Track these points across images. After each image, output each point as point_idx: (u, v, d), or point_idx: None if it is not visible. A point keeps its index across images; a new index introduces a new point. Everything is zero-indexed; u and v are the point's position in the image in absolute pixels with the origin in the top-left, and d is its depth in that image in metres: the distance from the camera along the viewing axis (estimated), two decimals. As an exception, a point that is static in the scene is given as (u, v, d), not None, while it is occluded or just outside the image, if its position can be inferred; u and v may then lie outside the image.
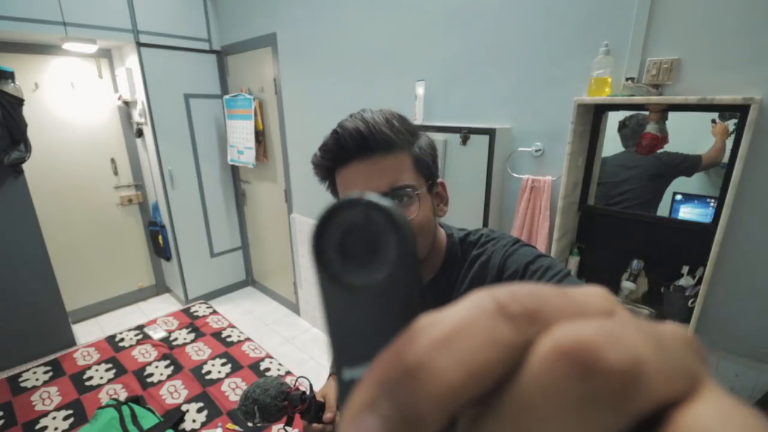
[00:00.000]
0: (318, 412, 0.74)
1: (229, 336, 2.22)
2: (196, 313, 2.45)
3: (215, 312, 2.48)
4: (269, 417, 0.72)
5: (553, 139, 1.52)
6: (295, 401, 0.73)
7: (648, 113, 1.30)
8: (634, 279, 1.43)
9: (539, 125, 1.56)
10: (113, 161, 3.09)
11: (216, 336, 2.21)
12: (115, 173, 3.12)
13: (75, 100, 2.81)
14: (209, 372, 1.92)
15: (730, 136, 1.22)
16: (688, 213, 1.35)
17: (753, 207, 1.18)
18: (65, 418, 1.65)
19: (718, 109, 1.22)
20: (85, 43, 2.53)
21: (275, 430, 1.51)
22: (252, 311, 3.30)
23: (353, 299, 0.13)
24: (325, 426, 0.74)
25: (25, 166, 2.15)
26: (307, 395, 0.74)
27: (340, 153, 0.59)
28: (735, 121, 1.19)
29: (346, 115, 0.61)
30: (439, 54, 1.81)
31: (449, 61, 1.78)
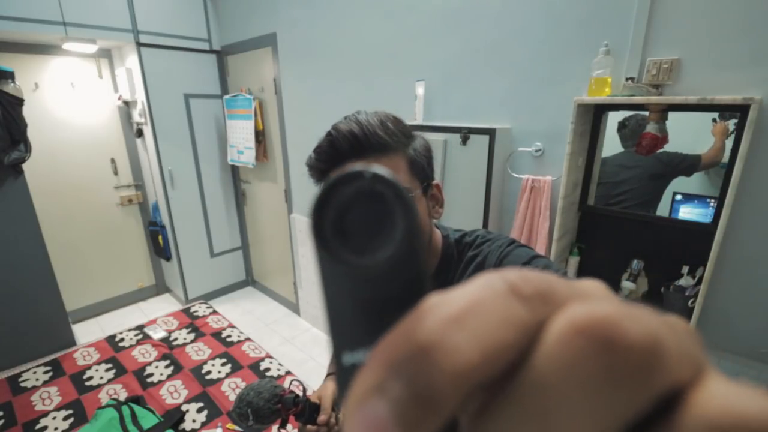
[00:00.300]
0: (312, 413, 0.74)
1: (229, 336, 2.22)
2: (196, 313, 2.45)
3: (215, 312, 2.48)
4: (263, 419, 0.72)
5: (553, 139, 1.52)
6: (289, 404, 0.73)
7: (648, 113, 1.30)
8: (634, 279, 1.43)
9: (539, 125, 1.56)
10: (113, 161, 3.09)
11: (216, 336, 2.22)
12: (115, 173, 3.12)
13: (75, 100, 2.81)
14: (209, 372, 1.92)
15: (730, 135, 1.22)
16: (688, 213, 1.35)
17: (753, 207, 1.18)
18: (65, 418, 1.65)
19: (718, 109, 1.22)
20: (85, 43, 2.53)
21: (274, 431, 1.51)
22: (252, 311, 3.30)
23: (355, 279, 0.13)
24: (320, 428, 0.74)
25: (25, 166, 2.15)
26: (301, 398, 0.74)
27: (334, 155, 0.59)
28: (735, 121, 1.19)
29: (342, 117, 0.61)
30: (439, 54, 1.81)
31: (449, 61, 1.78)
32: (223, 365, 1.98)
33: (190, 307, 2.52)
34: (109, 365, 1.98)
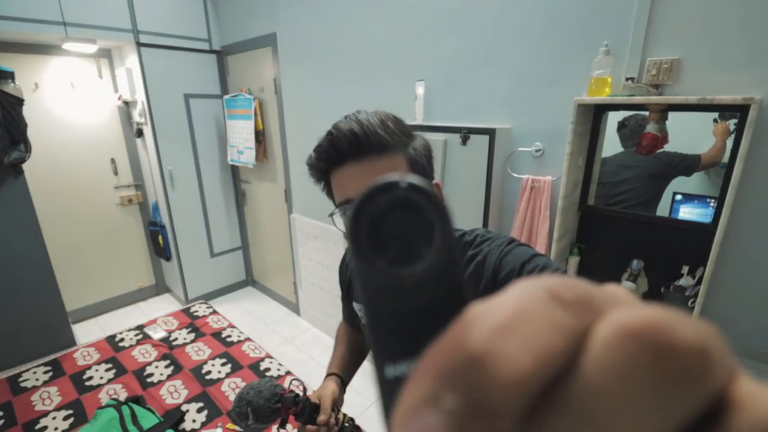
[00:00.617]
0: (312, 413, 0.74)
1: (229, 336, 2.22)
2: (196, 313, 2.45)
3: (215, 312, 2.48)
4: (263, 419, 0.73)
5: (553, 139, 1.52)
6: (289, 403, 0.73)
7: (648, 113, 1.30)
8: (634, 279, 1.43)
9: (539, 125, 1.56)
10: (113, 161, 3.09)
11: (216, 336, 2.21)
12: (115, 173, 3.12)
13: (75, 100, 2.81)
14: (209, 372, 1.92)
15: (730, 135, 1.22)
16: (688, 213, 1.35)
17: (753, 207, 1.18)
18: (65, 418, 1.65)
19: (718, 109, 1.22)
20: (85, 43, 2.53)
21: (274, 430, 1.51)
22: (252, 311, 3.30)
23: (396, 289, 0.12)
24: (319, 427, 0.74)
25: (25, 166, 2.15)
26: (301, 397, 0.75)
27: (334, 154, 0.59)
28: (735, 121, 1.19)
29: (343, 116, 0.61)
30: (439, 54, 1.81)
31: (449, 61, 1.78)
32: (223, 365, 1.98)
33: (190, 307, 2.52)
34: (109, 365, 1.98)
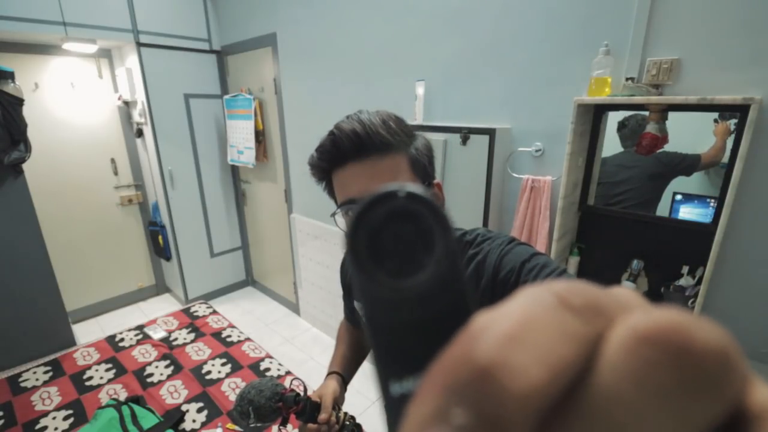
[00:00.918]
0: (313, 412, 0.75)
1: (229, 336, 2.22)
2: (196, 313, 2.45)
3: (215, 312, 2.48)
4: (264, 417, 0.73)
5: (553, 139, 1.52)
6: (290, 402, 0.73)
7: (648, 113, 1.30)
8: (634, 279, 1.43)
9: (539, 125, 1.56)
10: (113, 161, 3.09)
11: (216, 336, 2.21)
12: (115, 173, 3.12)
13: (75, 100, 2.81)
14: (209, 372, 1.92)
15: (730, 135, 1.22)
16: (688, 213, 1.35)
17: (753, 207, 1.18)
18: (65, 418, 1.65)
19: (718, 109, 1.22)
20: (85, 43, 2.53)
21: (275, 430, 1.51)
22: (252, 311, 3.30)
23: (398, 302, 0.12)
24: (320, 426, 0.75)
25: (26, 166, 2.15)
26: (302, 396, 0.75)
27: (336, 154, 0.59)
28: (735, 121, 1.19)
29: (345, 116, 0.61)
30: (439, 54, 1.81)
31: (449, 61, 1.78)
32: (223, 365, 1.98)
33: (190, 307, 2.52)
34: (109, 365, 1.98)
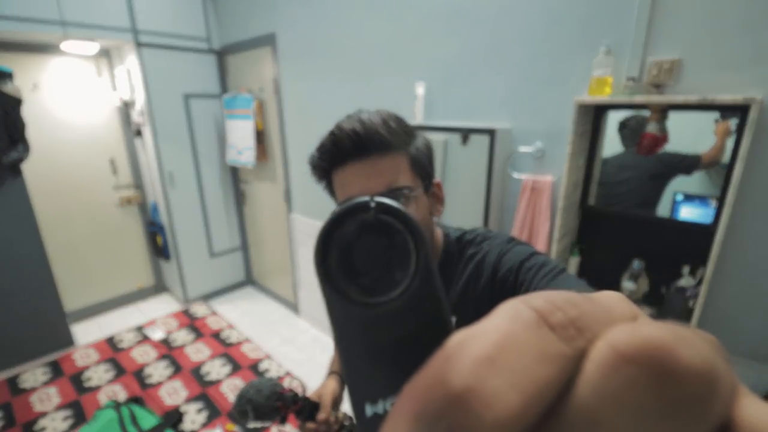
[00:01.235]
0: (312, 411, 0.76)
1: (229, 337, 2.22)
2: (195, 314, 2.44)
3: (214, 312, 2.47)
4: (263, 417, 0.74)
5: (554, 139, 1.52)
6: (289, 401, 0.74)
7: (648, 113, 1.30)
8: (634, 279, 1.43)
9: (539, 125, 1.55)
10: (112, 161, 3.08)
11: (215, 337, 2.21)
12: (115, 173, 3.11)
13: (74, 99, 2.81)
14: (208, 373, 1.92)
15: (731, 135, 1.21)
16: (689, 213, 1.35)
17: (754, 207, 1.18)
18: (64, 419, 1.64)
19: (718, 109, 1.22)
20: (85, 42, 2.53)
21: (274, 430, 1.50)
22: (251, 312, 3.29)
23: (370, 320, 0.11)
24: (319, 426, 0.75)
25: (25, 166, 2.15)
26: (300, 396, 0.76)
27: (336, 154, 0.60)
28: (736, 121, 1.19)
29: (345, 115, 0.61)
30: (439, 54, 1.80)
31: (449, 61, 1.78)
32: (223, 366, 1.97)
33: (189, 308, 2.52)
34: (109, 366, 1.97)
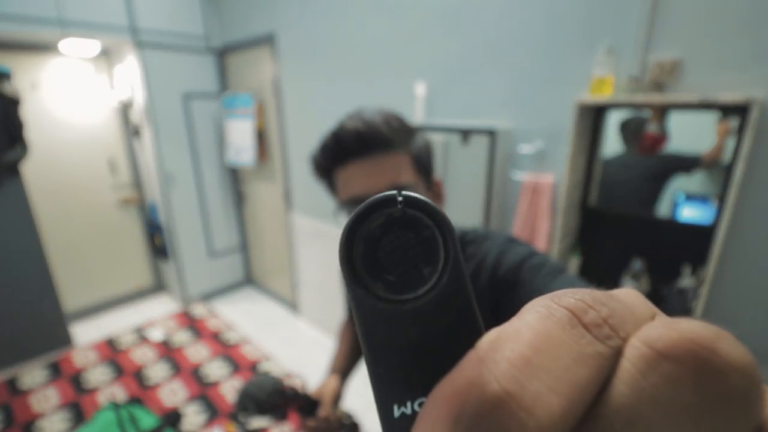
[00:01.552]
0: (313, 408, 0.77)
1: (228, 337, 2.21)
2: (194, 314, 2.44)
3: (214, 313, 2.47)
4: (264, 412, 0.75)
5: (554, 139, 1.51)
6: (290, 398, 0.75)
7: (649, 113, 1.29)
8: (635, 280, 1.42)
9: (540, 125, 1.55)
10: (112, 161, 3.08)
11: (215, 337, 2.21)
12: (114, 173, 3.11)
13: (73, 99, 2.80)
14: (208, 373, 1.91)
15: (732, 135, 1.21)
16: (690, 213, 1.35)
17: (755, 207, 1.17)
18: (63, 420, 1.64)
19: (719, 109, 1.21)
20: (84, 41, 2.52)
21: (275, 429, 1.50)
22: (251, 312, 3.29)
23: (397, 318, 0.11)
24: (320, 423, 0.76)
25: (24, 165, 2.14)
26: (301, 393, 0.77)
27: (339, 153, 0.60)
28: (737, 121, 1.18)
29: (345, 115, 0.61)
30: (439, 54, 1.80)
31: (449, 61, 1.77)
32: (222, 367, 1.97)
33: (188, 308, 2.51)
34: (108, 367, 1.97)
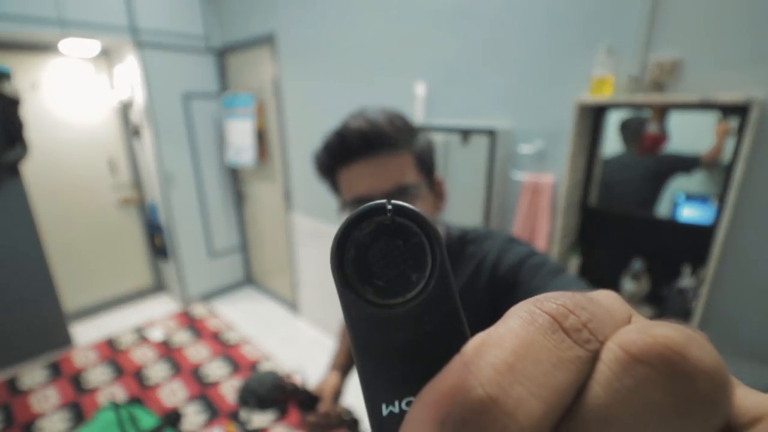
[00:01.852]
0: (313, 404, 0.77)
1: (228, 337, 2.21)
2: (194, 314, 2.44)
3: (214, 313, 2.47)
4: (264, 407, 0.76)
5: (554, 139, 1.51)
6: (290, 393, 0.76)
7: (649, 113, 1.29)
8: (635, 280, 1.42)
9: (540, 125, 1.55)
10: (112, 161, 3.08)
11: (215, 337, 2.21)
12: (114, 173, 3.11)
13: (73, 99, 2.80)
14: (208, 373, 1.91)
15: (731, 135, 1.21)
16: (689, 213, 1.35)
17: (755, 207, 1.17)
18: (63, 419, 1.64)
19: (719, 109, 1.21)
20: (84, 41, 2.52)
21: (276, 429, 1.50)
22: (251, 312, 3.29)
23: (386, 321, 0.12)
24: (319, 418, 0.77)
25: (24, 165, 2.14)
26: (301, 388, 0.78)
27: (343, 152, 0.60)
28: (737, 121, 1.18)
29: (346, 115, 0.61)
30: (439, 54, 1.80)
31: (449, 61, 1.77)
32: (222, 367, 1.97)
33: (188, 308, 2.51)
34: (108, 367, 1.97)
